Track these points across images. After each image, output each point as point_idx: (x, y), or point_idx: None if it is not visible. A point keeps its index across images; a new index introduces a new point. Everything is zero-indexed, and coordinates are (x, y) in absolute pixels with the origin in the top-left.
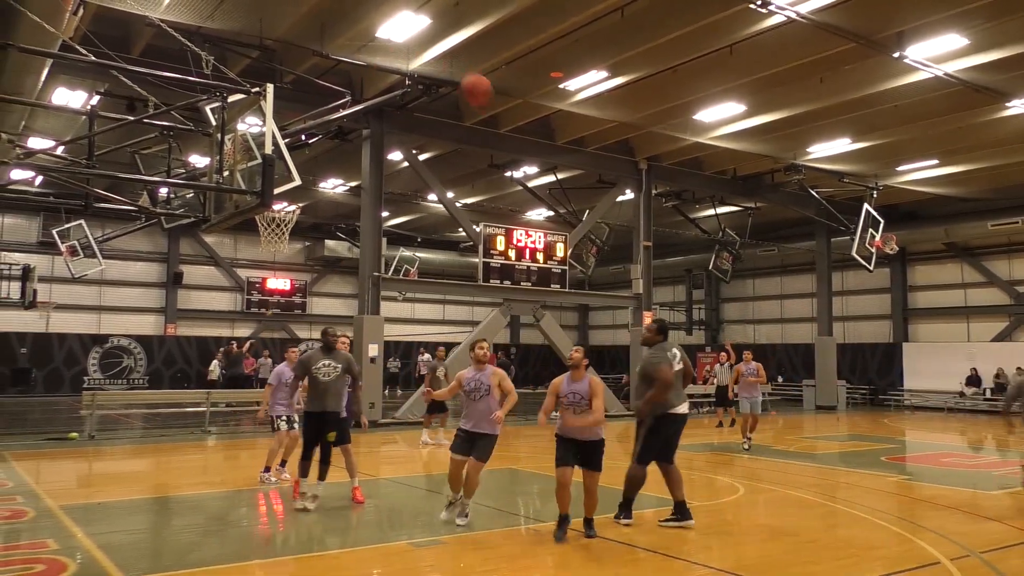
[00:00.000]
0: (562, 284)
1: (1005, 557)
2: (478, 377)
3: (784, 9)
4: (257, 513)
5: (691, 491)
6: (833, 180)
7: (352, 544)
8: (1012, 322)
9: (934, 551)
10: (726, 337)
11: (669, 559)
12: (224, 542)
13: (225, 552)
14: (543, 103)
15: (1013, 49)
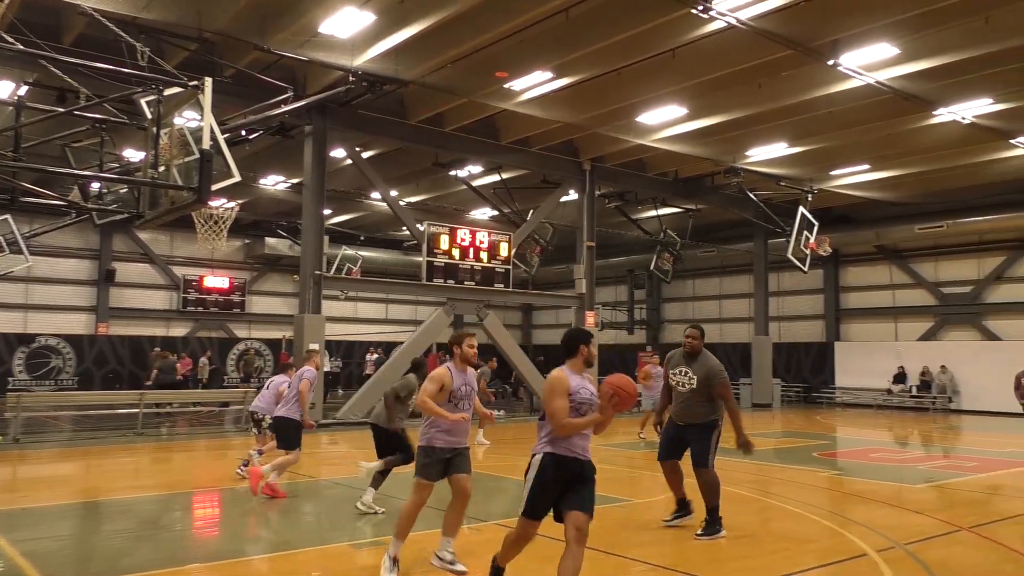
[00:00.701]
0: (506, 283)
1: (928, 548)
2: (467, 380)
3: (725, 15)
4: (192, 517)
5: (631, 489)
6: (770, 183)
7: (291, 546)
8: (937, 322)
9: (862, 543)
10: (667, 337)
11: (609, 556)
12: (157, 547)
13: (157, 557)
14: (488, 103)
15: (940, 59)
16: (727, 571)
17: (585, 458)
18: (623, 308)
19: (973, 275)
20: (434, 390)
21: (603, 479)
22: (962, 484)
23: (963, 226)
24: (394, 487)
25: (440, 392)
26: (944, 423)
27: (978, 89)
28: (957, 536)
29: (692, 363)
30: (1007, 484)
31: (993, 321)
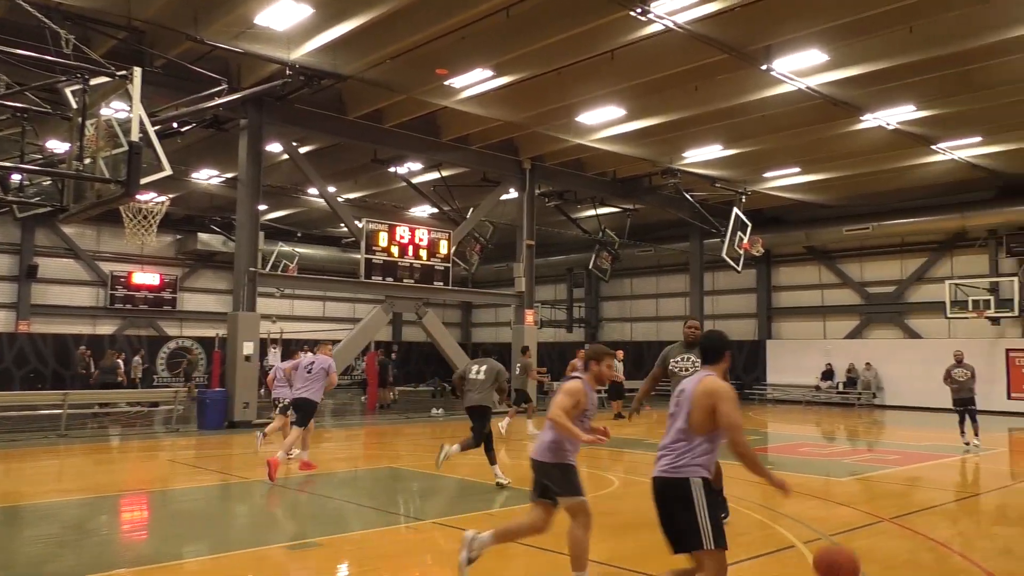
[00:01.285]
0: (445, 281)
1: (852, 538)
2: (594, 398)
3: (662, 18)
4: (119, 521)
5: None
6: (706, 184)
7: (224, 549)
8: (863, 320)
9: (790, 535)
10: (605, 335)
11: (543, 552)
12: (82, 552)
13: (82, 563)
14: (428, 99)
15: (867, 67)
16: (661, 565)
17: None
18: (562, 306)
19: (896, 275)
20: (570, 405)
21: None
22: (884, 477)
23: (887, 228)
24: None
25: (574, 408)
26: (868, 418)
27: (902, 96)
28: (879, 527)
29: (693, 351)
30: (925, 476)
31: (914, 320)
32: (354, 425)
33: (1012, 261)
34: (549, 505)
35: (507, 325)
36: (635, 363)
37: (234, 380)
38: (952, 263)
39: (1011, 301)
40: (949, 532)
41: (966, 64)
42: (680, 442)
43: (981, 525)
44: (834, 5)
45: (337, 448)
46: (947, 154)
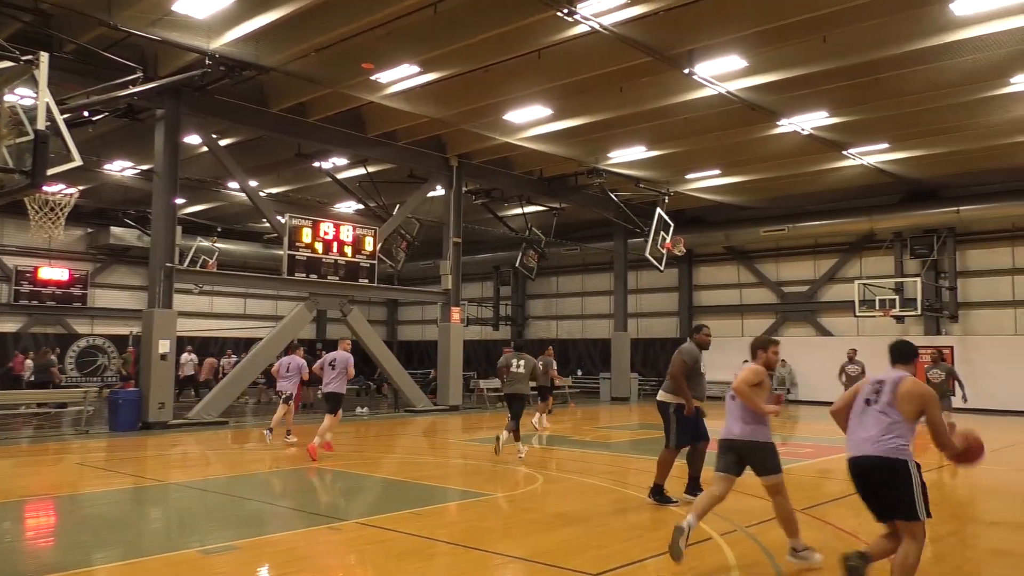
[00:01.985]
0: (371, 278)
1: (766, 530)
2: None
3: (588, 19)
4: (22, 528)
5: (493, 482)
6: (630, 185)
7: (136, 555)
8: (779, 319)
9: (708, 528)
10: (531, 333)
11: (468, 550)
12: None
13: None
14: (354, 94)
15: (783, 74)
16: (584, 560)
17: None
18: (489, 304)
19: (809, 275)
20: (755, 380)
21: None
22: (798, 469)
23: (802, 230)
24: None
25: (759, 387)
26: (783, 413)
27: (816, 103)
28: None
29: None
30: (836, 468)
31: (826, 318)
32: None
33: (916, 262)
34: (733, 478)
35: (433, 323)
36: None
37: (149, 379)
38: (861, 264)
39: (914, 300)
40: (856, 521)
41: (875, 74)
42: (894, 427)
43: None
44: (752, 13)
45: (258, 448)
46: (857, 159)
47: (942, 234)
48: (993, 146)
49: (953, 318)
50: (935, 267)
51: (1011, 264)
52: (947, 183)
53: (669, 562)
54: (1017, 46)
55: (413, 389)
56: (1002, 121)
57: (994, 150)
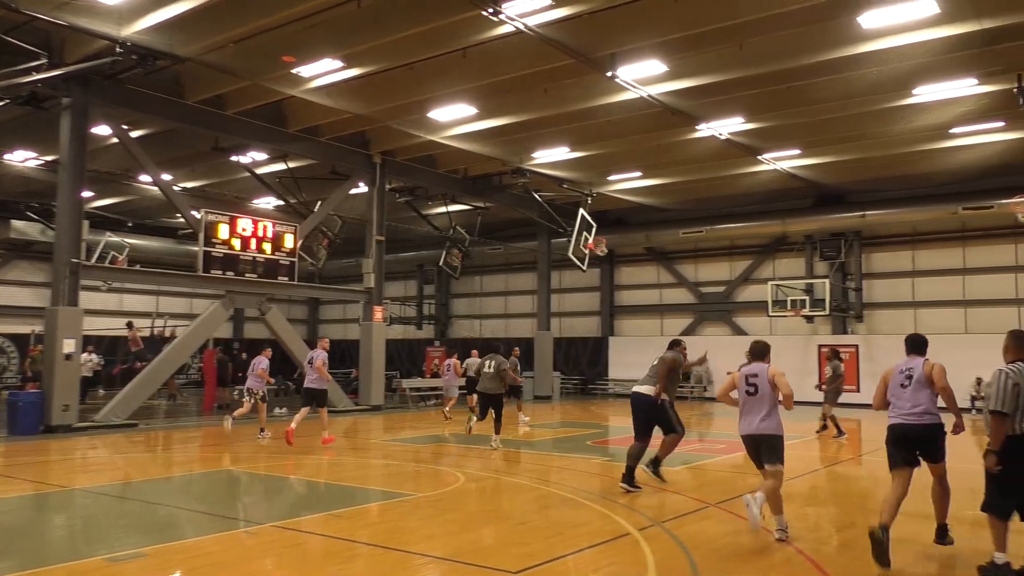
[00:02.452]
0: (291, 276)
1: (681, 524)
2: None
3: (513, 20)
4: None
5: (415, 483)
6: (554, 185)
7: (36, 565)
8: (696, 318)
9: (626, 523)
10: (454, 332)
11: (388, 551)
12: None
13: None
14: (274, 87)
15: (702, 79)
16: (504, 558)
17: None
18: (412, 303)
19: (726, 276)
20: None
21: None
22: (712, 465)
23: (719, 232)
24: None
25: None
26: (700, 410)
27: (733, 109)
28: (706, 512)
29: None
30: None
31: (741, 318)
32: (190, 427)
33: (824, 264)
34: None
35: (355, 322)
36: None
37: (52, 380)
38: (774, 265)
39: (823, 301)
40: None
41: (788, 82)
42: (930, 401)
43: (794, 505)
44: (672, 19)
45: (171, 451)
46: (771, 164)
47: (849, 237)
48: (896, 154)
49: (858, 318)
50: (842, 269)
51: (911, 267)
52: (854, 189)
53: (589, 558)
54: (919, 60)
55: (333, 389)
56: (904, 131)
57: (897, 158)
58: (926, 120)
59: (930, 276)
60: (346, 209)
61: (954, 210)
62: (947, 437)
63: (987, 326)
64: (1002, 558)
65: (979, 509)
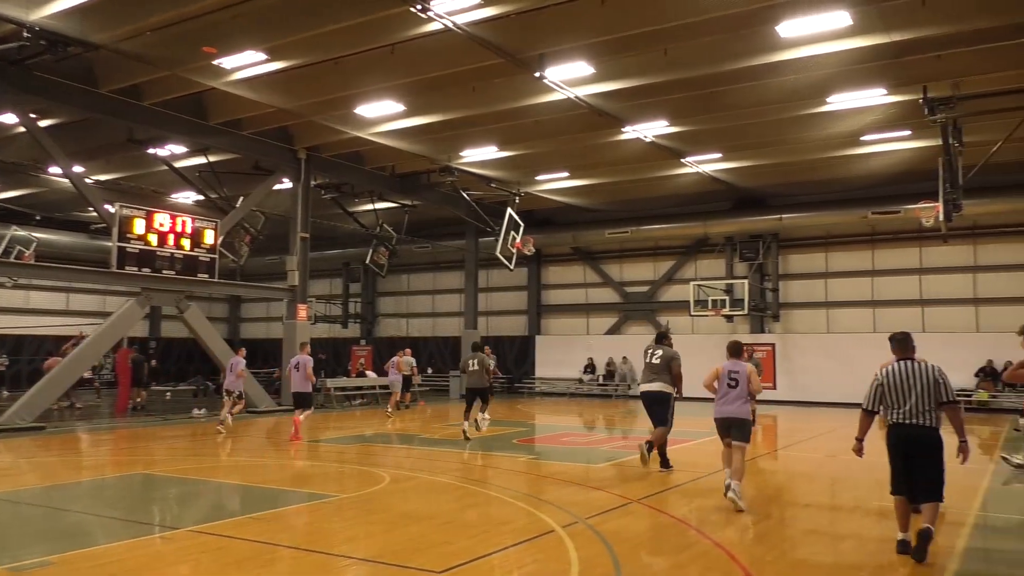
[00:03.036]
0: (211, 273)
1: (605, 520)
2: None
3: (442, 17)
4: None
5: (338, 483)
6: (482, 184)
7: None
8: (621, 317)
9: (551, 521)
10: (381, 330)
11: (310, 554)
12: None
13: None
14: (194, 78)
15: (627, 82)
16: (430, 558)
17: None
18: (337, 302)
19: (650, 276)
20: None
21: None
22: (636, 461)
23: (644, 232)
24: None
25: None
26: (624, 408)
27: (657, 112)
28: (630, 508)
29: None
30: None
31: (664, 317)
32: (102, 429)
33: (744, 265)
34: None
35: (279, 320)
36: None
37: None
38: (696, 266)
39: (742, 301)
40: (687, 509)
41: (710, 87)
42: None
43: (713, 500)
44: (599, 22)
45: (81, 455)
46: (694, 167)
47: (767, 239)
48: (811, 160)
49: (775, 317)
50: (760, 270)
51: (824, 268)
52: (772, 192)
53: (514, 556)
54: (833, 69)
55: (256, 389)
56: (819, 137)
57: (812, 163)
58: (839, 127)
59: (842, 277)
60: (270, 205)
61: (864, 214)
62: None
63: (893, 325)
64: (900, 535)
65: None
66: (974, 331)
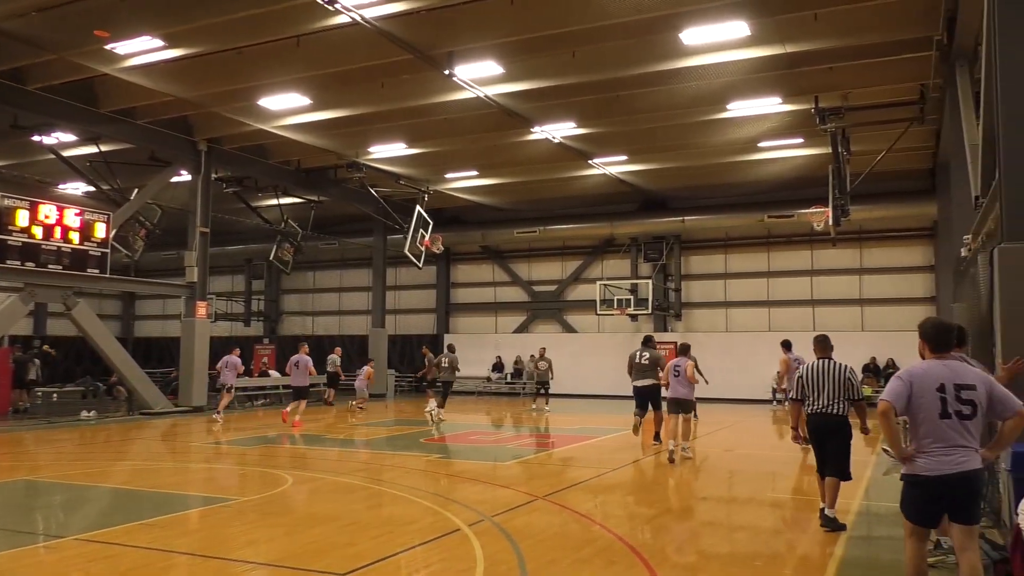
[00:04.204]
0: (102, 269)
1: (511, 518)
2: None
3: (350, 10)
4: None
5: (239, 486)
6: (391, 181)
7: None
8: (529, 316)
9: (456, 519)
10: (285, 328)
11: (207, 560)
12: None
13: None
14: (85, 63)
15: (536, 83)
16: (333, 560)
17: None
18: (240, 299)
19: (557, 275)
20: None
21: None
22: (542, 459)
23: (552, 232)
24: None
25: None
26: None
27: (565, 113)
28: (535, 504)
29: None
30: (576, 456)
31: (571, 316)
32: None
33: (648, 266)
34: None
35: (176, 318)
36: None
37: None
38: (603, 266)
39: (647, 300)
40: (591, 504)
41: (616, 91)
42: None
43: (616, 495)
44: (508, 22)
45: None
46: (600, 169)
47: (670, 241)
48: (712, 164)
49: (678, 316)
50: (664, 270)
51: (724, 269)
52: (675, 195)
53: (419, 556)
54: (733, 77)
55: (150, 389)
56: (720, 142)
57: (713, 168)
58: (738, 133)
59: (740, 278)
60: (167, 198)
61: (761, 218)
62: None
63: (787, 324)
64: (828, 510)
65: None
66: (860, 330)
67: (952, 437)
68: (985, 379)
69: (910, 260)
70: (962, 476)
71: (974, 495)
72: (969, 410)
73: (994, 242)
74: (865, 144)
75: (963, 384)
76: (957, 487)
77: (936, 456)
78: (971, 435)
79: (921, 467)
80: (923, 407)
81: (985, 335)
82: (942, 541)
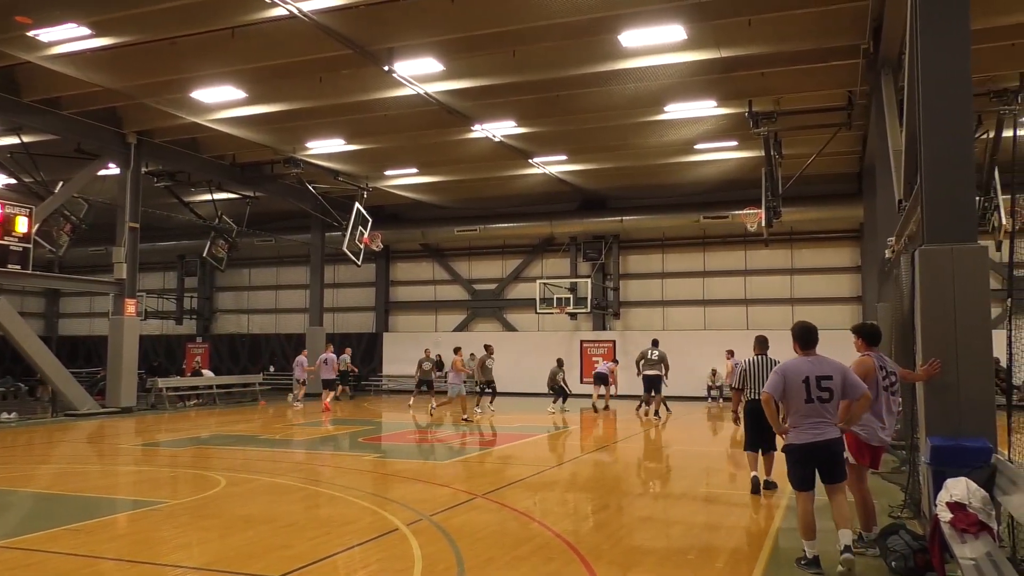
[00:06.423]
0: (24, 265)
1: (450, 516)
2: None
3: (287, 3)
4: None
5: (170, 489)
6: (329, 177)
7: None
8: (469, 314)
9: (395, 519)
10: (219, 327)
11: (136, 565)
12: None
13: None
14: (6, 50)
15: (476, 81)
16: (267, 563)
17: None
18: (171, 296)
19: (498, 274)
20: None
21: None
22: (481, 457)
23: (492, 231)
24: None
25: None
26: (490, 409)
27: (505, 112)
28: (474, 503)
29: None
30: (515, 454)
31: (511, 314)
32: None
33: (587, 265)
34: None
35: (104, 316)
36: (251, 357)
37: None
38: (543, 265)
39: (585, 299)
40: (530, 502)
41: (556, 91)
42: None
43: (555, 493)
44: (448, 20)
45: None
46: (541, 168)
47: (609, 240)
48: (650, 165)
49: (616, 315)
50: (602, 270)
51: (661, 269)
52: (614, 195)
53: (357, 556)
54: (670, 80)
55: (75, 390)
56: (658, 144)
57: (651, 168)
58: (675, 135)
59: (676, 278)
60: (95, 192)
61: (697, 218)
62: None
63: (722, 323)
64: (766, 477)
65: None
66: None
67: (815, 416)
68: (840, 369)
69: (838, 261)
70: (824, 443)
71: (835, 458)
72: (828, 395)
73: (916, 244)
74: (796, 148)
75: (822, 375)
76: (821, 452)
77: (804, 430)
78: (830, 414)
79: (793, 438)
80: (793, 395)
81: (907, 334)
82: (863, 536)
